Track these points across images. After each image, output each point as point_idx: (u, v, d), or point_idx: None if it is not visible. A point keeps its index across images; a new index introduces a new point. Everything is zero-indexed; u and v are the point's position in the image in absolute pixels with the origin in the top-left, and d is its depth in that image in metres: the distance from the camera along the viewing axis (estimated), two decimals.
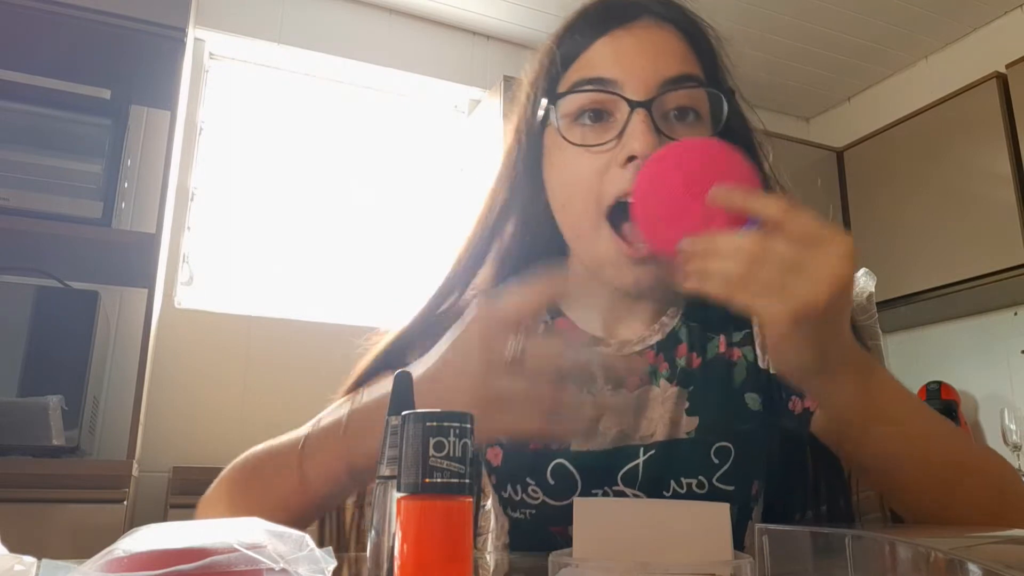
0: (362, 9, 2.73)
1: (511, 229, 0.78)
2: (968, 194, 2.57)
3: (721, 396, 0.76)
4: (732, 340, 0.78)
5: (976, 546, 0.41)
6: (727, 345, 0.78)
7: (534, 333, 0.55)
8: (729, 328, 0.79)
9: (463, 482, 0.36)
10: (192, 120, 2.41)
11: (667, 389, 0.76)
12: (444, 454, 0.36)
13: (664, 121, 0.69)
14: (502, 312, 0.55)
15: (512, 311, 0.55)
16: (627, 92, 0.69)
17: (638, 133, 0.67)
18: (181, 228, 2.34)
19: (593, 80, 0.70)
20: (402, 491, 0.36)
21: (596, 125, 0.71)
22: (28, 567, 0.35)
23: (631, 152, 0.67)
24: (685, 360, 0.77)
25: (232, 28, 2.52)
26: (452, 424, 0.36)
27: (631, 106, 0.68)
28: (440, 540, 0.36)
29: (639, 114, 0.67)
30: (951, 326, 2.92)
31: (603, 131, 0.70)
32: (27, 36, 1.88)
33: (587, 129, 0.71)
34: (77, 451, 1.63)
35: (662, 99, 0.69)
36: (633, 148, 0.67)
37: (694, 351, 0.77)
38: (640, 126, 0.67)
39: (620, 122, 0.69)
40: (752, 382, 0.77)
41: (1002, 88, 2.51)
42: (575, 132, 0.72)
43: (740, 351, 0.78)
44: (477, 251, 0.78)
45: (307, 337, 2.34)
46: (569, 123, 0.72)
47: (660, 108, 0.69)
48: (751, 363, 0.77)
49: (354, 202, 2.63)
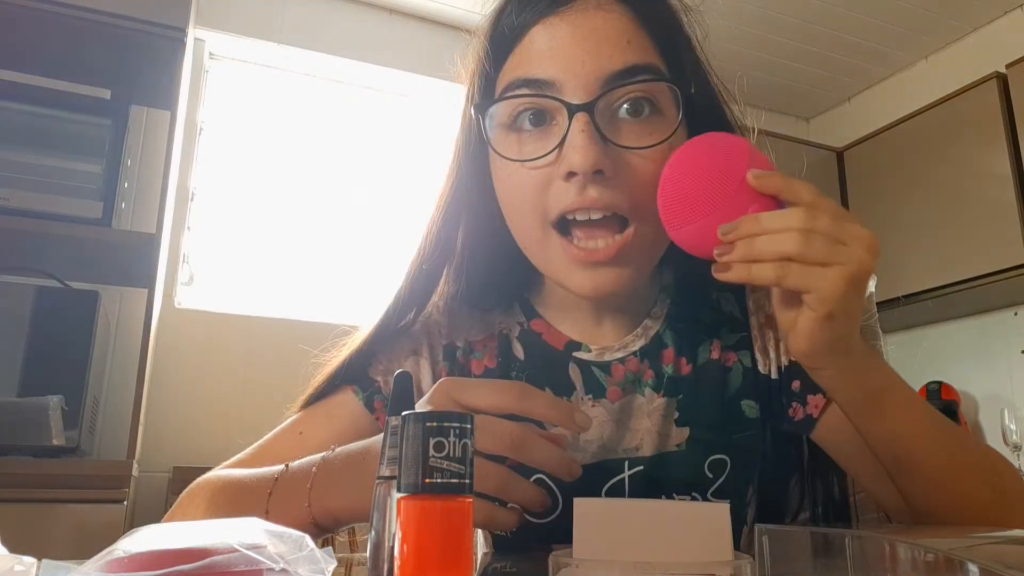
0: (362, 9, 2.73)
1: (462, 240, 0.73)
2: (968, 194, 2.57)
3: (714, 405, 0.72)
4: (726, 344, 0.74)
5: (976, 546, 0.41)
6: (721, 350, 0.74)
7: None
8: (723, 331, 0.75)
9: (463, 482, 0.36)
10: (192, 120, 2.41)
11: (653, 399, 0.72)
12: (444, 454, 0.36)
13: (611, 122, 0.62)
14: (470, 391, 0.54)
15: (483, 392, 0.53)
16: (565, 94, 0.61)
17: (578, 144, 0.59)
18: (181, 228, 2.34)
19: (528, 81, 0.62)
20: (402, 491, 0.36)
21: (536, 130, 0.63)
22: (28, 567, 0.35)
23: (570, 168, 0.60)
24: (672, 367, 0.73)
25: (232, 28, 2.52)
26: (452, 424, 0.36)
27: (569, 111, 0.60)
28: (440, 540, 0.36)
29: (579, 120, 0.60)
30: (951, 326, 2.92)
31: (543, 137, 0.63)
32: (27, 36, 1.88)
33: (526, 136, 0.64)
34: (77, 451, 1.63)
35: (607, 97, 0.61)
36: (572, 163, 0.60)
37: (683, 356, 0.74)
38: (580, 137, 0.59)
39: (561, 127, 0.61)
40: (749, 388, 0.73)
41: (1002, 88, 2.51)
42: (512, 142, 0.64)
43: (736, 355, 0.74)
44: (432, 263, 0.73)
45: (307, 337, 2.32)
46: (505, 131, 0.65)
47: (606, 107, 0.62)
48: (748, 368, 0.74)
49: (354, 202, 2.62)
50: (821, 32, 2.91)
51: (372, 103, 2.76)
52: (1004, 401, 2.70)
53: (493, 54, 0.66)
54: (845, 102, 3.39)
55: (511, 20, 0.66)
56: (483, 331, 0.78)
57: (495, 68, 0.67)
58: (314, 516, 0.57)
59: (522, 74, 0.63)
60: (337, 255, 2.56)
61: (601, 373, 0.73)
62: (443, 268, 0.75)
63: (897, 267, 2.71)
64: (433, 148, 2.78)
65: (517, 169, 0.64)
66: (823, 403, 0.70)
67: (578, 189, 0.61)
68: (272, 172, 2.55)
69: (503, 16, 0.67)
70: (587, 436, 0.71)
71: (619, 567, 0.38)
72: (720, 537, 0.41)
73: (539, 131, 0.63)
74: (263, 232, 2.49)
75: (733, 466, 0.70)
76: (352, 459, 0.58)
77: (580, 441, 0.71)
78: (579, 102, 0.60)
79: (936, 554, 0.36)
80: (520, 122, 0.64)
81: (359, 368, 0.74)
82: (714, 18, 0.73)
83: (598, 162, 0.59)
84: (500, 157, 0.65)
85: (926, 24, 2.87)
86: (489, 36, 0.67)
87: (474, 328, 0.78)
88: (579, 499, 0.43)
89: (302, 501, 0.58)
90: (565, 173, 0.61)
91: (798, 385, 0.72)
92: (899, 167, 2.83)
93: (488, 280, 0.76)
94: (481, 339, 0.77)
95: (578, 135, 0.60)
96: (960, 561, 0.34)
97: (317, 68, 2.68)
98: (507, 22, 0.66)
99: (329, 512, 0.57)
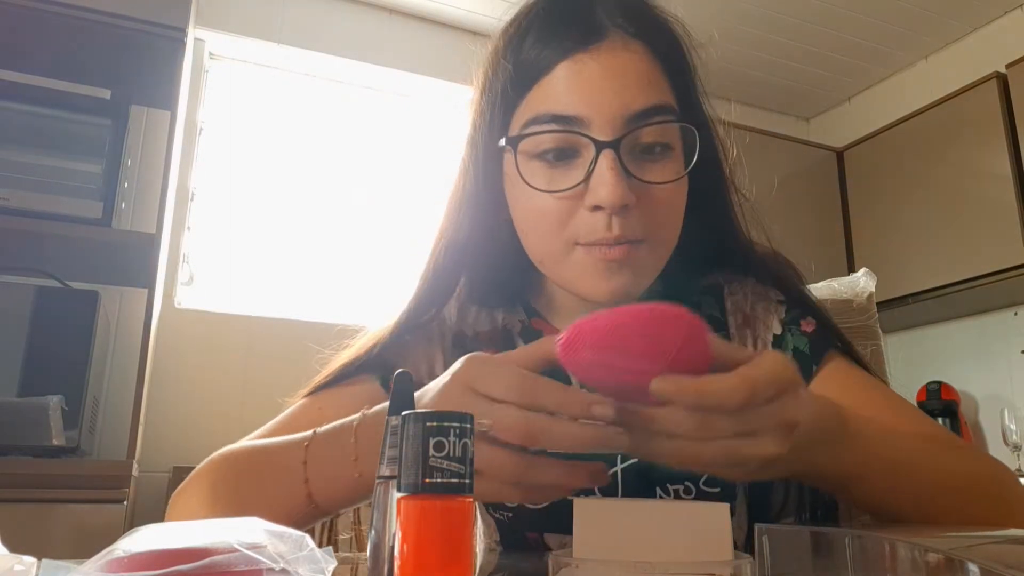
0: (362, 9, 2.73)
1: (475, 245, 0.74)
2: (968, 194, 2.57)
3: None
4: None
5: (976, 546, 0.41)
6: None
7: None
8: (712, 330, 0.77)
9: (463, 482, 0.36)
10: (192, 120, 2.41)
11: None
12: (444, 454, 0.36)
13: (633, 158, 0.65)
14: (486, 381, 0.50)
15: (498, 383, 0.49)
16: (593, 131, 0.64)
17: (606, 180, 0.62)
18: (181, 228, 2.34)
19: (557, 118, 0.65)
20: (402, 491, 0.36)
21: (560, 164, 0.66)
22: (28, 567, 0.35)
23: (598, 201, 0.63)
24: None
25: (232, 28, 2.52)
26: (452, 424, 0.36)
27: (597, 148, 0.63)
28: (440, 540, 0.36)
29: (606, 157, 0.63)
30: (951, 326, 2.92)
31: (567, 171, 0.66)
32: (27, 36, 1.88)
33: (550, 168, 0.66)
34: (77, 451, 1.63)
35: (631, 135, 0.65)
36: (600, 197, 0.63)
37: None
38: (607, 173, 0.62)
39: (587, 160, 0.64)
40: None
41: (1002, 88, 2.51)
42: (536, 171, 0.67)
43: None
44: (446, 264, 0.74)
45: (307, 337, 2.33)
46: (528, 158, 0.67)
47: (629, 145, 0.65)
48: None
49: (354, 202, 2.63)
50: (821, 32, 2.91)
51: (372, 103, 2.76)
52: (1004, 401, 2.70)
53: (516, 80, 0.69)
54: (845, 102, 3.39)
55: (538, 50, 0.68)
56: (488, 324, 0.81)
57: (517, 94, 0.69)
58: (361, 472, 0.55)
59: (550, 109, 0.66)
60: (337, 255, 2.56)
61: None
62: (459, 271, 0.77)
63: (897, 267, 2.71)
64: (433, 148, 2.78)
65: (541, 195, 0.67)
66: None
67: (605, 223, 0.64)
68: (272, 172, 2.55)
69: (527, 40, 0.69)
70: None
71: (619, 567, 0.38)
72: (720, 537, 0.41)
73: (563, 165, 0.66)
74: (263, 232, 2.49)
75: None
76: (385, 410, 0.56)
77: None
78: (606, 139, 0.64)
79: (936, 554, 0.36)
80: (543, 155, 0.67)
81: (377, 359, 0.74)
82: (715, 18, 0.74)
83: (625, 197, 0.63)
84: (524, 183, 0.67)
85: (926, 24, 2.87)
86: (513, 61, 0.69)
87: (480, 321, 0.81)
88: (579, 499, 0.43)
89: (348, 456, 0.55)
90: (592, 206, 0.64)
91: None
92: (899, 167, 2.83)
93: (493, 283, 0.80)
94: (487, 331, 0.81)
95: (607, 172, 0.63)
96: (960, 561, 0.34)
97: (317, 68, 2.68)
98: (534, 51, 0.68)
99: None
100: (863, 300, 0.97)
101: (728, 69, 3.03)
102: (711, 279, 0.80)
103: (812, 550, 0.49)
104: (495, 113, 0.70)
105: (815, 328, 0.75)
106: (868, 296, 0.97)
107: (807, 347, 0.74)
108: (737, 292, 0.79)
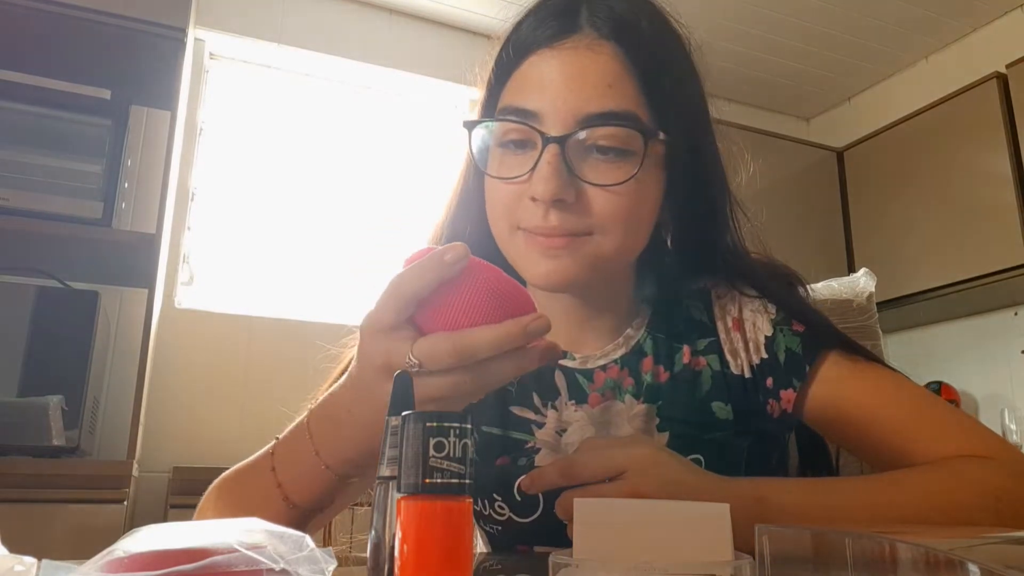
0: (362, 9, 2.73)
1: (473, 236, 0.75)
2: (968, 194, 2.57)
3: (689, 408, 0.75)
4: (697, 349, 0.77)
5: (976, 546, 0.41)
6: (692, 354, 0.77)
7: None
8: (693, 336, 0.78)
9: (463, 482, 0.36)
10: (192, 120, 2.41)
11: (633, 406, 0.75)
12: (444, 454, 0.36)
13: (582, 157, 0.66)
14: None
15: (432, 359, 0.50)
16: (544, 125, 0.66)
17: (544, 174, 0.65)
18: (181, 228, 2.35)
19: (517, 110, 0.68)
20: (402, 492, 0.36)
21: (520, 153, 0.68)
22: (28, 567, 0.35)
23: (533, 194, 0.66)
24: (651, 375, 0.76)
25: (232, 28, 2.52)
26: (452, 424, 0.36)
27: (544, 142, 0.65)
28: (440, 541, 0.36)
29: (550, 151, 0.65)
30: (951, 326, 2.92)
31: (523, 160, 0.68)
32: (27, 36, 1.88)
33: (509, 155, 0.69)
34: (77, 451, 1.63)
35: (580, 134, 0.65)
36: (536, 190, 0.65)
37: (660, 364, 0.77)
38: (546, 168, 0.64)
39: (538, 153, 0.66)
40: (719, 391, 0.76)
41: (1002, 88, 2.51)
42: (498, 157, 0.70)
43: (705, 359, 0.77)
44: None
45: (307, 337, 2.33)
46: (496, 147, 0.70)
47: (579, 143, 0.66)
48: (716, 371, 0.76)
49: (354, 202, 2.63)
50: (821, 32, 2.91)
51: (372, 103, 2.76)
52: (1004, 401, 2.70)
53: (498, 72, 0.72)
54: (845, 102, 3.39)
55: (520, 43, 0.70)
56: None
57: (498, 85, 0.72)
58: (327, 464, 0.57)
59: (512, 100, 0.69)
60: (337, 255, 2.56)
61: (584, 380, 0.77)
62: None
63: (897, 267, 2.71)
64: (433, 148, 2.78)
65: (497, 182, 0.70)
66: (793, 396, 0.73)
67: (542, 213, 0.66)
68: (272, 172, 2.55)
69: (518, 32, 0.71)
70: (568, 440, 0.75)
71: (619, 567, 0.38)
72: (720, 537, 0.41)
73: (521, 154, 0.68)
74: (263, 232, 2.49)
75: (707, 465, 0.72)
76: (338, 397, 0.57)
77: (562, 445, 0.75)
78: (555, 135, 0.65)
79: (936, 554, 0.36)
80: (507, 143, 0.69)
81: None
82: (715, 19, 0.74)
83: (559, 192, 0.64)
84: (477, 167, 0.72)
85: (926, 24, 2.87)
86: (503, 52, 0.72)
87: None
88: (579, 499, 0.43)
89: (308, 451, 0.58)
90: (530, 196, 0.66)
91: (771, 382, 0.75)
92: (899, 167, 2.83)
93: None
94: None
95: (545, 166, 0.65)
96: (960, 561, 0.34)
97: (317, 68, 2.68)
98: (515, 43, 0.71)
99: (339, 454, 0.57)
100: (863, 300, 0.97)
101: (728, 69, 3.03)
102: (700, 284, 0.81)
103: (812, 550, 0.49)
104: (487, 102, 0.73)
105: (807, 327, 0.75)
106: (868, 296, 0.97)
107: (799, 347, 0.74)
108: (725, 296, 0.80)
